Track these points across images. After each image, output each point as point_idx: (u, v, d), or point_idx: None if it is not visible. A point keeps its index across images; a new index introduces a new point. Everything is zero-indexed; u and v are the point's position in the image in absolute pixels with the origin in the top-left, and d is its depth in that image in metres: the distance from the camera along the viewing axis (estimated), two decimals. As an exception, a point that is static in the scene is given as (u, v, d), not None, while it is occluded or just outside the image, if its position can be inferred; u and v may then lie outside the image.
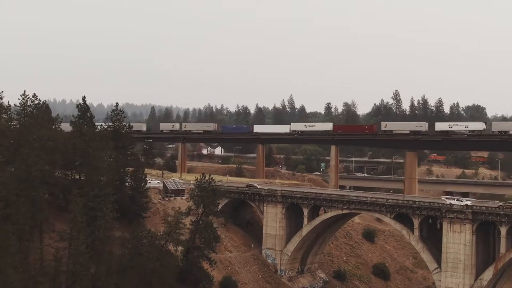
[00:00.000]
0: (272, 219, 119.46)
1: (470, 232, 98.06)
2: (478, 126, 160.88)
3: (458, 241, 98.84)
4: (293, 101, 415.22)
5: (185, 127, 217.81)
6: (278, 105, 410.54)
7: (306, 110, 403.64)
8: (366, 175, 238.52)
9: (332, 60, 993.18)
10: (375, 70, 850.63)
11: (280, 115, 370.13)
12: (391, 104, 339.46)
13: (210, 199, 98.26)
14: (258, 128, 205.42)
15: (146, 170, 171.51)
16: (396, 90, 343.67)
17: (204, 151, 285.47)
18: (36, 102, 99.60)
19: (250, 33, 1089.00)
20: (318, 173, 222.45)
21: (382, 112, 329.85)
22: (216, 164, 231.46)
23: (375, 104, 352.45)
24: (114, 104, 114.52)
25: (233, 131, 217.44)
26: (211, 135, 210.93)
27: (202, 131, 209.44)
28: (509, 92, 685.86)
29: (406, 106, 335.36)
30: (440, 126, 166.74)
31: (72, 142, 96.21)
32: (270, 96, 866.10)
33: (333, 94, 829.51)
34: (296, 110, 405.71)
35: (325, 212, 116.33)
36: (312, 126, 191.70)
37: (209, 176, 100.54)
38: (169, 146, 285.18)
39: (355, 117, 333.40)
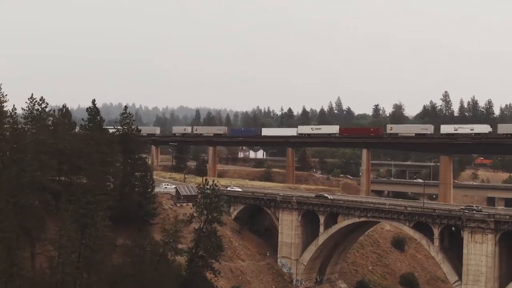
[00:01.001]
0: (288, 227, 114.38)
1: (492, 243, 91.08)
2: (484, 129, 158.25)
3: (479, 252, 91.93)
4: (340, 103, 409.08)
5: (196, 130, 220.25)
6: (326, 107, 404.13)
7: (353, 112, 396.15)
8: (393, 179, 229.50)
9: (332, 60, 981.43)
10: (376, 70, 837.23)
11: (325, 117, 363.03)
12: (441, 106, 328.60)
13: (213, 206, 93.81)
14: (266, 131, 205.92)
15: (171, 175, 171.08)
16: (446, 91, 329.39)
17: (242, 154, 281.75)
18: (43, 105, 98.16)
19: (250, 33, 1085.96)
20: (350, 177, 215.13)
21: (429, 113, 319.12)
22: (249, 168, 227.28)
23: (424, 106, 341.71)
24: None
25: (241, 134, 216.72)
26: (220, 138, 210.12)
27: (212, 134, 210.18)
28: None
29: (455, 107, 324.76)
30: (445, 128, 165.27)
31: (77, 147, 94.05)
32: (317, 98, 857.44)
33: (382, 95, 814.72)
34: (344, 112, 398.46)
35: (343, 219, 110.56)
36: (319, 129, 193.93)
37: (213, 181, 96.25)
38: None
39: (402, 119, 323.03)
